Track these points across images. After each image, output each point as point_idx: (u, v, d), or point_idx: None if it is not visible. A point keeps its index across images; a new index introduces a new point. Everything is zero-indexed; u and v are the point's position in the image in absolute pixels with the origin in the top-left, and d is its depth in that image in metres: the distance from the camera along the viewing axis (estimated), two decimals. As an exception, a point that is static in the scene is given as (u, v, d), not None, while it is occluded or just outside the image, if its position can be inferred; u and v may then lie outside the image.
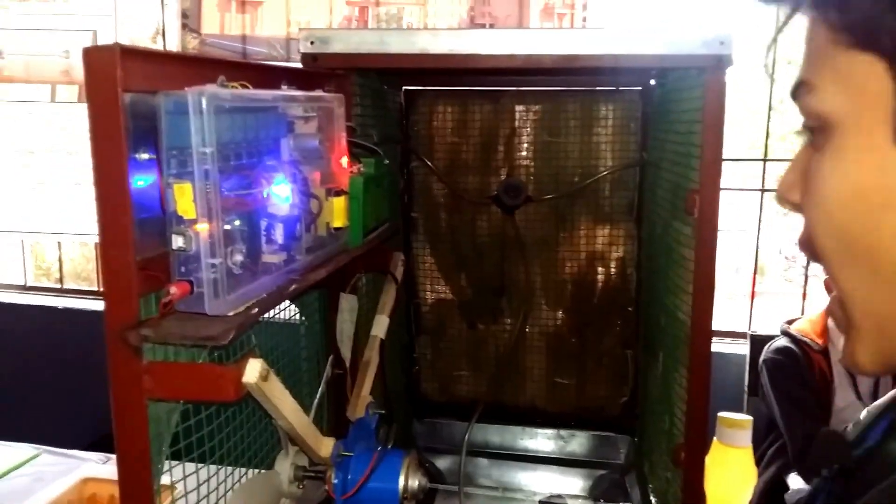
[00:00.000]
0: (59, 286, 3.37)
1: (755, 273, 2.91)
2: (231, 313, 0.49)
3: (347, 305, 0.90)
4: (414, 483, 0.75)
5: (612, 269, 1.33)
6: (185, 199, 0.48)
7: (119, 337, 0.48)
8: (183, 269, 0.49)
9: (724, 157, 0.84)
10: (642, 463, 1.23)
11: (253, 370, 0.50)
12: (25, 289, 3.38)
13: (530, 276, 1.33)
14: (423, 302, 1.40)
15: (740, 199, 2.91)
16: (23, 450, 1.59)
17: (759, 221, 2.89)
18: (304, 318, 0.87)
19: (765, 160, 2.79)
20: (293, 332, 0.86)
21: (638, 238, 1.30)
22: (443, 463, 1.36)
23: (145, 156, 0.50)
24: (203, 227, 0.48)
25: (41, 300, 3.27)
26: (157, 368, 0.49)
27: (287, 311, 0.84)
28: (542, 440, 1.37)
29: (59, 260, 3.41)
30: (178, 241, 0.49)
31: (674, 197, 0.98)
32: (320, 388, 0.78)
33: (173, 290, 0.47)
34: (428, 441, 1.40)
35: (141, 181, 0.50)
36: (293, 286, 0.56)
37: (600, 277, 1.34)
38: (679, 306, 0.90)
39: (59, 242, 3.36)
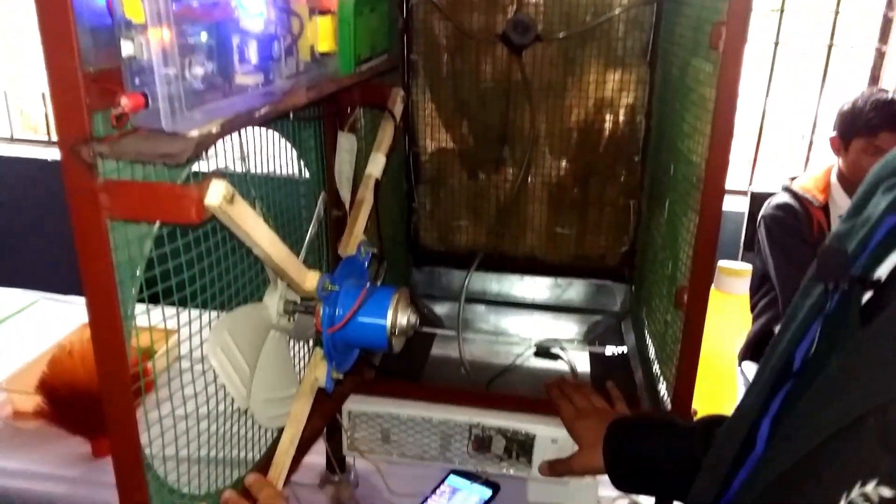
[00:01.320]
0: (46, 139, 3.30)
1: (762, 127, 2.85)
2: (195, 133, 0.45)
3: (346, 145, 0.85)
4: (403, 319, 0.74)
5: (621, 117, 1.27)
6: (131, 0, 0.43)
7: (71, 153, 0.45)
8: (136, 80, 0.44)
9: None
10: (639, 309, 1.25)
11: (216, 191, 0.47)
12: (12, 140, 3.30)
13: (535, 123, 1.27)
14: (422, 150, 1.35)
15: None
16: (21, 296, 1.61)
17: (771, 74, 2.78)
18: (304, 168, 0.82)
19: (781, 11, 2.64)
20: (294, 188, 0.82)
21: (650, 83, 1.23)
22: (441, 309, 1.38)
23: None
24: (154, 33, 0.43)
25: (30, 152, 3.21)
26: (114, 186, 0.46)
27: (289, 166, 0.79)
28: (539, 288, 1.39)
29: (46, 115, 3.31)
30: (127, 49, 0.43)
31: (696, 32, 0.91)
32: (311, 225, 0.76)
33: (124, 101, 0.43)
34: (426, 289, 1.41)
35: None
36: (266, 108, 0.51)
37: (607, 125, 1.28)
38: (693, 149, 0.86)
39: (42, 94, 3.25)
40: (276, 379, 0.70)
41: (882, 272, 0.44)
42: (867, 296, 0.44)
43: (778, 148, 3.33)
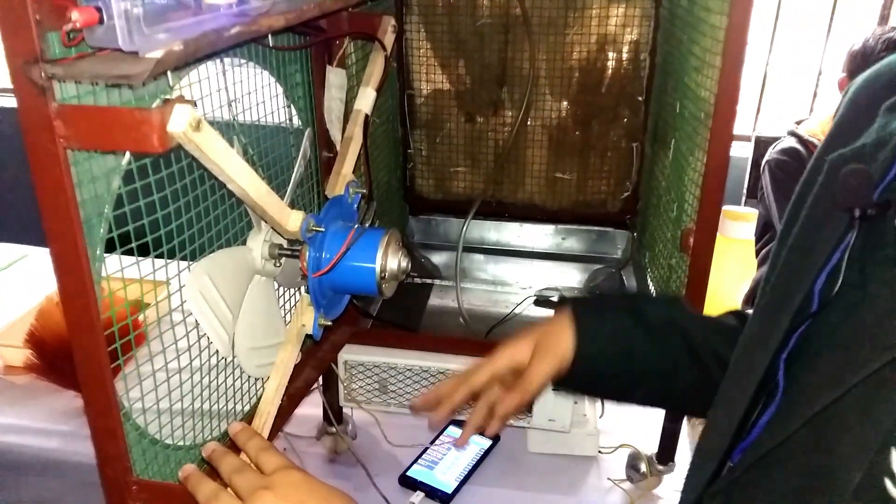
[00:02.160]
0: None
1: (767, 70, 2.77)
2: (159, 54, 0.41)
3: (336, 81, 0.80)
4: (393, 263, 0.70)
5: (625, 55, 1.22)
6: None
7: (22, 74, 0.40)
8: (90, -7, 0.40)
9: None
10: (641, 256, 1.22)
11: (181, 116, 0.43)
12: (1, 91, 3.21)
13: (535, 63, 1.21)
14: (417, 93, 1.30)
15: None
16: (12, 249, 1.57)
17: (777, 13, 2.69)
18: (292, 107, 0.77)
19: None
20: (283, 132, 0.77)
21: (655, 19, 1.17)
22: (438, 259, 1.35)
23: None
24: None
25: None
26: (70, 111, 0.42)
27: (279, 110, 0.74)
28: (539, 236, 1.35)
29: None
30: (76, -45, 0.39)
31: (706, -42, 0.85)
32: (296, 165, 0.71)
33: (75, 15, 0.38)
34: (423, 238, 1.38)
35: None
36: (237, 28, 0.47)
37: (610, 64, 1.23)
38: (702, 83, 0.82)
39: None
40: (262, 326, 0.67)
41: None
42: None
43: (783, 91, 3.25)
